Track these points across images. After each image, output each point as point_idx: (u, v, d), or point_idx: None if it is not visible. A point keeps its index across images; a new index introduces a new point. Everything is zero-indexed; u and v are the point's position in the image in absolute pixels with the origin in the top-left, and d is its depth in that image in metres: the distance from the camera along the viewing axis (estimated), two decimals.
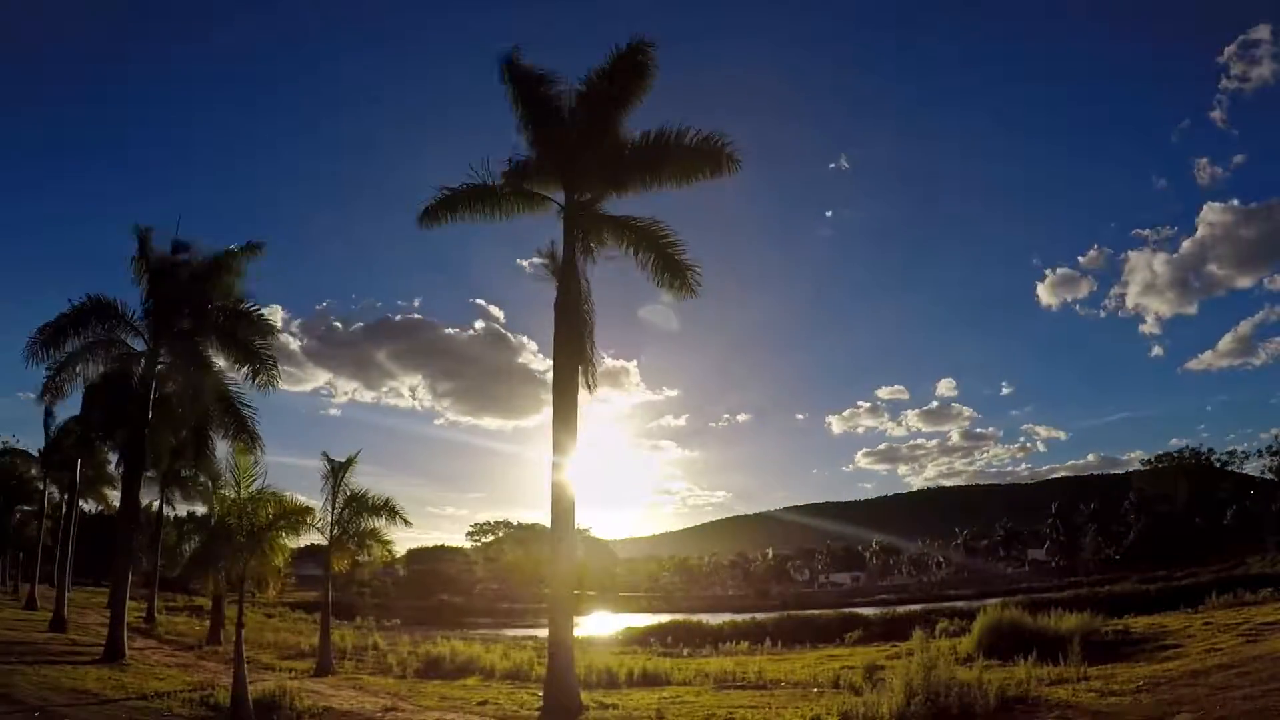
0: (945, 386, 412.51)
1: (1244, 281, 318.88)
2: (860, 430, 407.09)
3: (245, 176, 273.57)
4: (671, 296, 13.63)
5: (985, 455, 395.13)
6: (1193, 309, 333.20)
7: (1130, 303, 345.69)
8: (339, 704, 12.54)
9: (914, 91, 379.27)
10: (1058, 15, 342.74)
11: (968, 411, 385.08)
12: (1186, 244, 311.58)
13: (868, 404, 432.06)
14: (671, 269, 13.43)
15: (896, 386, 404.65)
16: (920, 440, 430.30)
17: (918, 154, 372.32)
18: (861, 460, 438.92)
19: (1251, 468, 76.85)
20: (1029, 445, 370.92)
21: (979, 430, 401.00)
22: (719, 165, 13.03)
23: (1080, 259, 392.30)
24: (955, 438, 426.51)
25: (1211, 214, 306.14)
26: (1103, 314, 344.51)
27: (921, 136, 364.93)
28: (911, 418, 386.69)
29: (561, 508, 12.71)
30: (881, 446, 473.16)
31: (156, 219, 33.63)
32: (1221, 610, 17.91)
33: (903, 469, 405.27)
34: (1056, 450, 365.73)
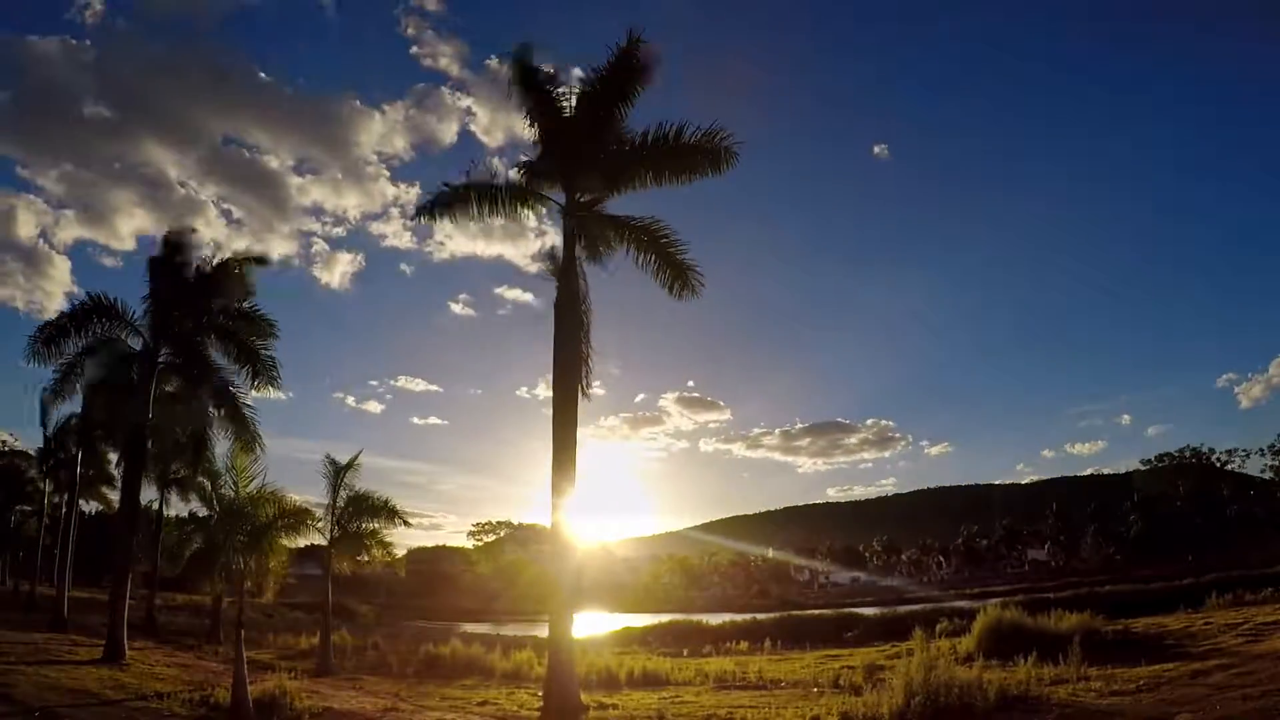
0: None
1: None
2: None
3: None
4: (673, 296, 13.56)
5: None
6: None
7: None
8: (339, 704, 12.54)
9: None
10: None
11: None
12: None
13: None
14: (673, 269, 13.39)
15: None
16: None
17: None
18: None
19: (1252, 467, 76.87)
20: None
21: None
22: (719, 161, 12.97)
23: None
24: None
25: None
26: None
27: None
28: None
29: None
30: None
31: None
32: (1222, 610, 17.84)
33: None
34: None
